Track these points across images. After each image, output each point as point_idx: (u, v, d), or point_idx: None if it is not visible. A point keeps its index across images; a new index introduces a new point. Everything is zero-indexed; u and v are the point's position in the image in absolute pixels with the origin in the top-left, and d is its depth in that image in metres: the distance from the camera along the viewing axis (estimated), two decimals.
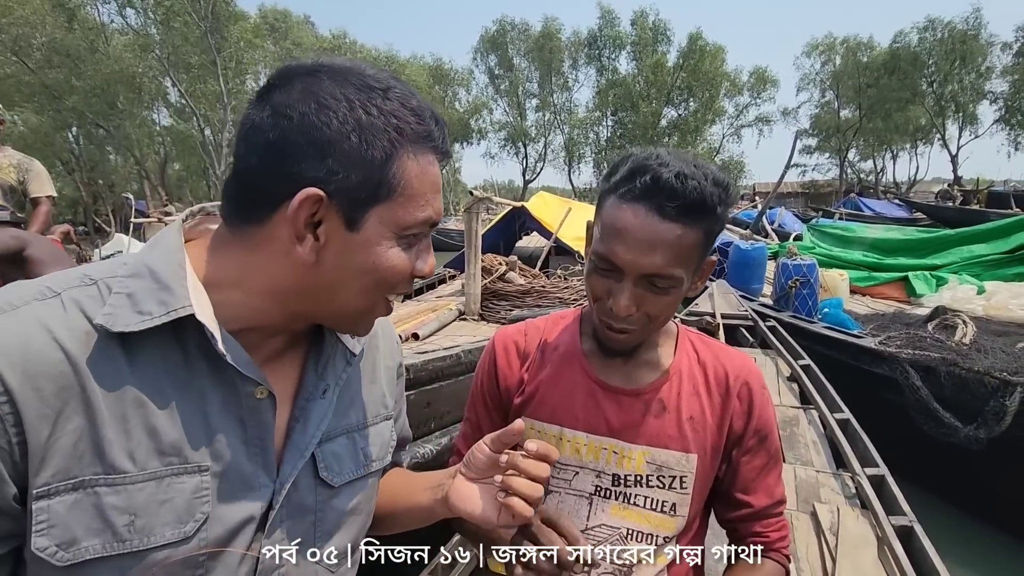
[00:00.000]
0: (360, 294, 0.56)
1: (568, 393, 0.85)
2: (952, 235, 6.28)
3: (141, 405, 0.49)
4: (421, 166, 0.54)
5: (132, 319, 0.49)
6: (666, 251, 0.70)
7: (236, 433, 0.55)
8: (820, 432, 3.06)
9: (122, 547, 0.48)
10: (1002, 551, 2.99)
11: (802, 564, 2.11)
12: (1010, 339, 3.64)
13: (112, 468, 0.48)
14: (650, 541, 0.81)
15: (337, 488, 0.63)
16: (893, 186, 34.78)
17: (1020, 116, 30.11)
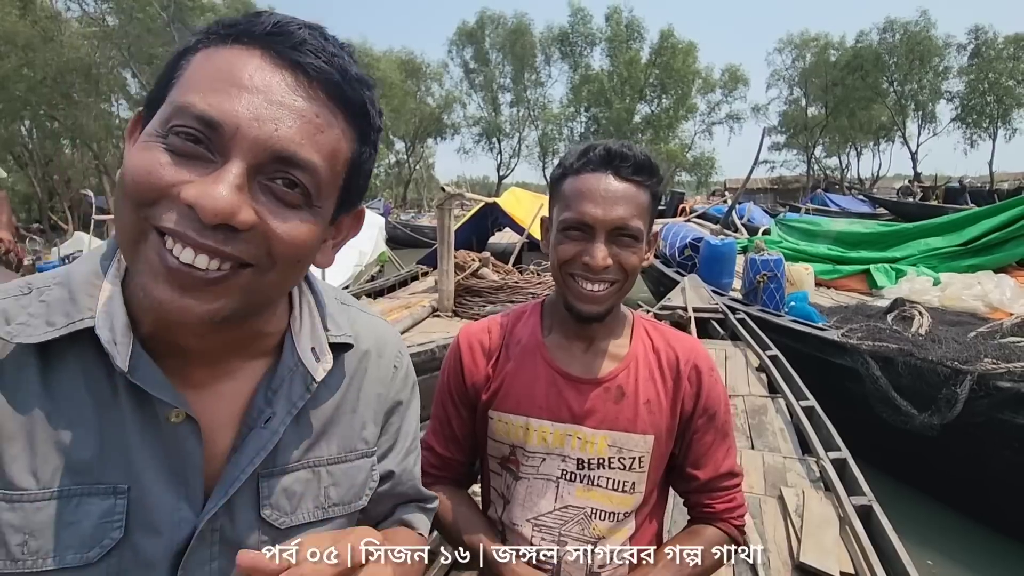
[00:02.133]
0: (121, 215, 0.45)
1: (531, 384, 0.88)
2: (910, 229, 6.53)
3: (52, 421, 0.47)
4: (209, 56, 0.46)
5: (39, 330, 0.46)
6: (627, 204, 0.80)
7: (159, 458, 0.50)
8: (787, 420, 3.17)
9: (14, 566, 0.45)
10: (954, 527, 3.15)
11: (770, 545, 2.19)
12: (963, 329, 3.81)
13: (10, 484, 0.45)
14: (612, 519, 0.86)
15: (284, 531, 0.56)
16: (857, 182, 35.90)
17: (975, 115, 31.39)
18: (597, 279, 0.81)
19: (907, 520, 2.38)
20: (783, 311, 4.70)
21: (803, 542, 2.16)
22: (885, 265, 5.96)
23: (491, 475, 0.95)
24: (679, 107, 33.11)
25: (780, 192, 34.88)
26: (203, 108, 0.43)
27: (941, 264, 5.72)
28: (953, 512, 3.25)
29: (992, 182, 27.88)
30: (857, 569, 2.04)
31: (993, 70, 29.58)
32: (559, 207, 0.85)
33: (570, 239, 0.82)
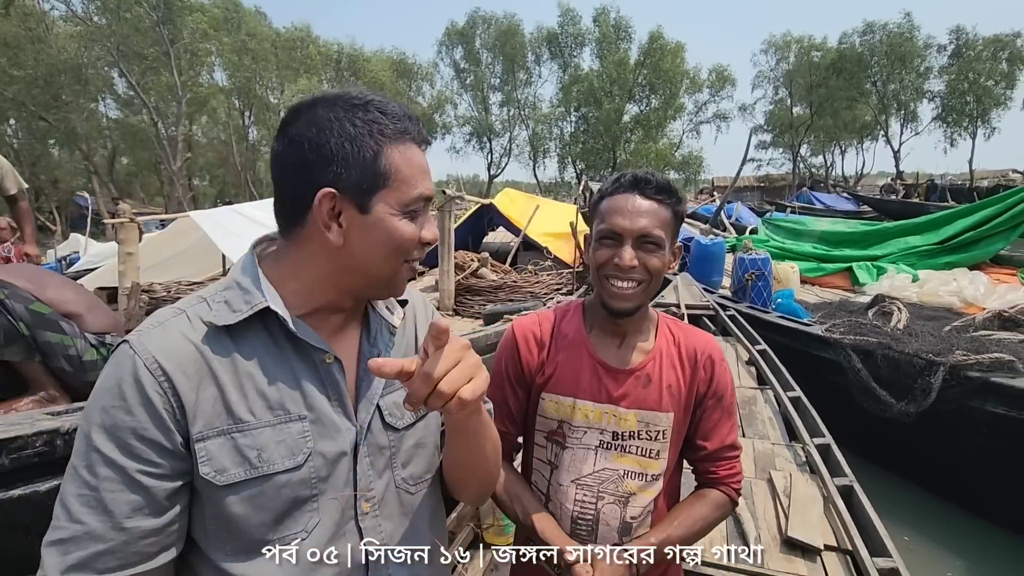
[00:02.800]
0: (385, 261, 0.72)
1: (578, 371, 1.07)
2: (891, 228, 6.80)
3: (250, 376, 0.68)
4: (404, 155, 0.70)
5: (230, 316, 0.68)
6: (650, 217, 0.99)
7: (320, 391, 0.72)
8: (775, 409, 3.38)
9: (255, 472, 0.66)
10: (927, 505, 3.39)
11: (760, 523, 2.38)
12: (938, 323, 4.05)
13: (239, 420, 0.66)
14: (640, 479, 1.05)
15: (401, 431, 0.80)
16: (842, 180, 36.45)
17: (955, 114, 32.05)
18: (626, 277, 0.99)
19: (885, 501, 2.59)
20: (770, 308, 4.93)
21: (790, 519, 2.36)
22: (867, 263, 6.22)
23: (536, 448, 1.12)
24: (668, 107, 33.36)
25: (767, 190, 35.36)
26: (421, 192, 0.72)
27: (919, 262, 5.98)
28: (928, 493, 3.49)
29: (972, 180, 28.55)
30: (839, 542, 2.25)
31: (973, 70, 30.25)
32: (596, 223, 1.04)
33: (604, 246, 1.01)
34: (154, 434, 0.62)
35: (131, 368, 0.63)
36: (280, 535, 0.68)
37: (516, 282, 5.88)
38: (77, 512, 0.60)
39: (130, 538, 0.61)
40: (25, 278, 2.27)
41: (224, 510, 0.66)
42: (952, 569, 2.91)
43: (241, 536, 0.67)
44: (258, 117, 28.38)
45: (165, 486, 0.63)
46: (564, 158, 35.85)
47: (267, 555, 0.68)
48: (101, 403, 0.62)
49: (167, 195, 24.79)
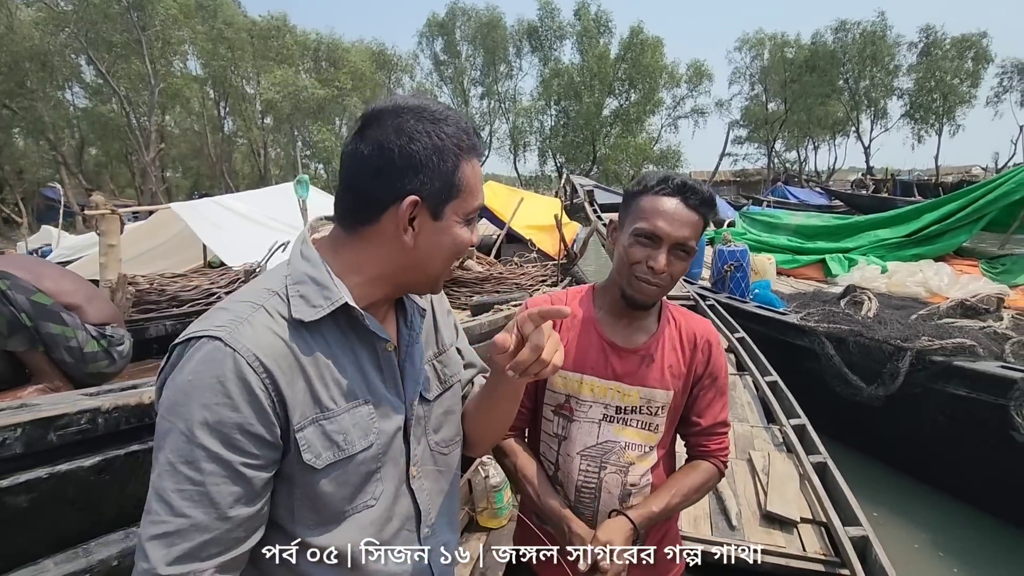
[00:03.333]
0: (443, 263, 0.79)
1: (586, 349, 1.15)
2: (861, 221, 7.05)
3: (328, 367, 0.73)
4: (473, 168, 0.78)
5: (310, 312, 0.72)
6: (690, 228, 1.05)
7: (378, 376, 0.79)
8: (754, 394, 3.54)
9: (342, 454, 0.73)
10: (894, 483, 3.59)
11: (741, 500, 2.53)
12: (906, 312, 4.25)
13: (325, 408, 0.72)
14: (640, 450, 1.15)
15: (432, 400, 0.88)
16: (815, 175, 37.27)
17: (923, 111, 33.01)
18: (656, 280, 1.06)
19: (856, 479, 2.74)
20: (748, 298, 5.10)
21: (769, 495, 2.51)
22: (839, 255, 6.45)
23: (544, 421, 1.20)
24: (647, 101, 33.62)
25: (743, 184, 35.97)
26: (481, 202, 0.80)
27: (888, 254, 6.23)
28: (895, 471, 3.69)
29: (937, 176, 29.53)
30: (814, 515, 2.40)
31: (939, 69, 31.17)
32: (633, 217, 1.08)
33: (640, 244, 1.05)
34: (259, 429, 0.66)
35: (232, 365, 0.65)
36: (355, 504, 0.76)
37: (502, 274, 5.94)
38: (180, 506, 0.63)
39: (232, 526, 0.66)
40: (24, 268, 2.26)
41: (315, 490, 0.72)
42: (918, 540, 3.10)
43: (325, 510, 0.74)
44: (233, 108, 27.74)
45: (263, 476, 0.68)
46: (544, 152, 35.92)
47: (346, 522, 0.75)
48: (202, 400, 0.64)
49: (139, 187, 24.13)
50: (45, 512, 1.05)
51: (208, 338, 0.66)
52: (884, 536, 2.87)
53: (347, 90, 26.79)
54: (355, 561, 0.76)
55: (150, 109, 21.45)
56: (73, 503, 1.08)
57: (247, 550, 0.69)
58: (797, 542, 2.25)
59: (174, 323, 4.29)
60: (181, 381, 0.65)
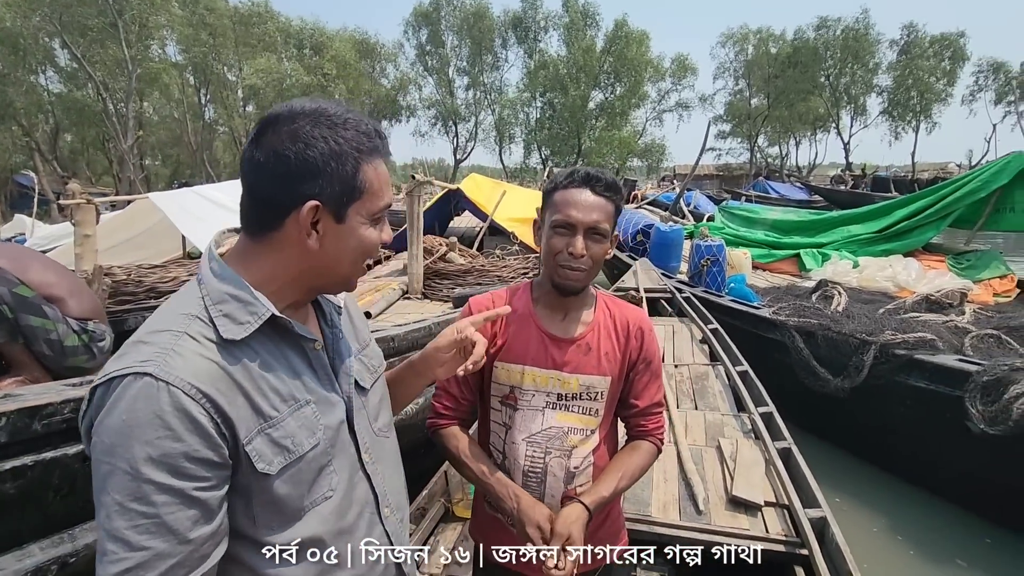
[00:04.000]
0: (352, 264, 0.81)
1: (527, 342, 1.22)
2: (835, 217, 7.22)
3: (262, 377, 0.75)
4: (375, 170, 0.79)
5: (238, 331, 0.73)
6: (599, 211, 1.14)
7: (312, 375, 0.82)
8: (725, 383, 3.65)
9: (292, 456, 0.76)
10: (858, 470, 3.75)
11: (708, 486, 2.62)
12: (874, 306, 4.40)
13: (269, 417, 0.74)
14: (582, 434, 1.22)
15: (368, 389, 0.93)
16: (796, 170, 37.75)
17: (900, 109, 33.60)
18: (577, 264, 1.14)
19: (821, 467, 2.86)
20: (724, 292, 5.23)
21: (735, 480, 2.61)
22: (813, 250, 6.61)
23: (491, 411, 1.27)
24: (631, 95, 33.70)
25: (725, 179, 36.32)
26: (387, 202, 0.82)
27: (860, 249, 6.40)
28: (858, 460, 3.84)
29: (914, 172, 30.11)
30: (778, 498, 2.50)
31: (917, 67, 31.73)
32: (550, 211, 1.18)
33: (559, 235, 1.15)
34: (206, 454, 0.67)
35: (168, 399, 0.65)
36: (312, 498, 0.79)
37: (484, 266, 5.99)
38: (138, 541, 0.63)
39: (195, 547, 0.67)
40: (9, 258, 2.25)
41: (273, 494, 0.75)
42: (877, 524, 3.25)
43: (285, 510, 0.76)
44: (215, 95, 27.20)
45: (217, 495, 0.69)
46: (530, 144, 35.81)
47: (307, 516, 0.78)
48: (143, 438, 0.63)
49: (117, 175, 23.60)
50: (31, 498, 1.08)
51: (135, 375, 0.65)
52: (845, 520, 3.02)
53: (332, 77, 26.46)
54: (322, 551, 0.80)
55: (127, 95, 20.94)
56: (58, 490, 1.11)
57: (215, 563, 0.71)
58: (760, 524, 2.35)
59: None
60: (115, 422, 0.64)
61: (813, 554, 2.07)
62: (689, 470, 2.71)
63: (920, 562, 2.97)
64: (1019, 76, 32.12)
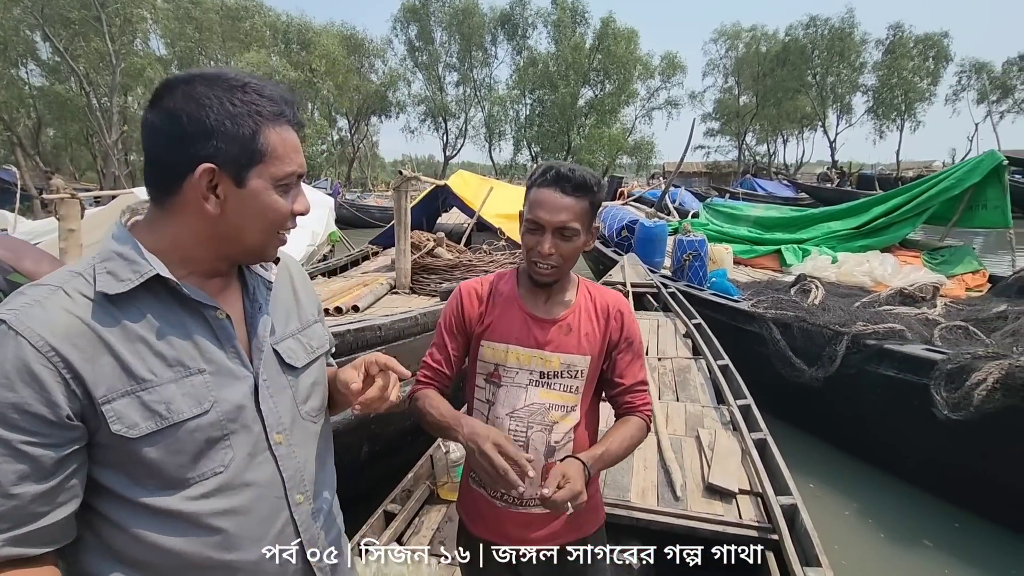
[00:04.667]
0: (259, 232, 0.78)
1: (511, 322, 1.28)
2: (816, 214, 7.35)
3: (142, 339, 0.72)
4: (280, 135, 0.76)
5: (117, 286, 0.71)
6: (567, 212, 1.17)
7: (216, 345, 0.79)
8: (707, 376, 3.74)
9: (163, 422, 0.72)
10: (829, 455, 3.86)
11: (687, 474, 2.70)
12: (850, 300, 4.51)
13: (141, 379, 0.72)
14: (563, 410, 1.28)
15: (300, 368, 0.90)
16: (783, 168, 38.20)
17: (885, 107, 34.09)
18: (545, 262, 1.20)
19: (796, 455, 2.95)
20: (705, 286, 5.32)
21: (712, 468, 2.69)
22: (794, 246, 6.73)
23: (476, 389, 1.33)
24: (621, 92, 33.86)
25: (714, 176, 36.68)
26: (294, 168, 0.79)
27: (839, 245, 6.53)
28: (832, 447, 3.95)
29: (898, 170, 30.59)
30: (752, 486, 2.59)
31: (902, 67, 32.19)
32: (526, 208, 1.24)
33: (530, 232, 1.21)
34: (39, 409, 0.65)
35: (13, 347, 0.65)
36: (199, 471, 0.76)
37: (471, 261, 6.05)
38: None
39: (20, 503, 0.65)
40: (4, 247, 2.27)
41: (142, 457, 0.72)
42: (848, 509, 3.35)
43: (162, 475, 0.73)
44: None
45: (50, 455, 0.66)
46: (519, 141, 35.91)
47: (191, 488, 0.75)
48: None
49: (101, 170, 23.31)
50: None
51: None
52: (818, 505, 3.12)
53: (320, 73, 26.30)
54: (207, 525, 0.77)
55: (111, 89, 20.68)
56: None
57: (52, 523, 0.68)
58: (735, 511, 2.42)
59: None
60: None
61: (783, 538, 2.14)
62: (668, 458, 2.79)
63: (888, 544, 3.08)
64: (1000, 76, 32.70)
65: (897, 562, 2.97)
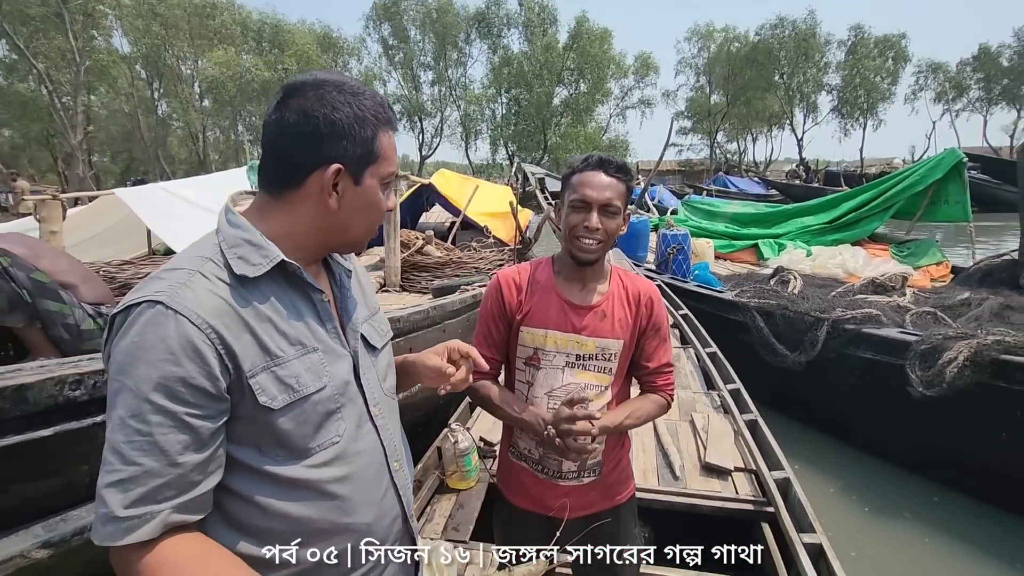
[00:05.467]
0: (365, 225, 0.87)
1: (548, 308, 1.38)
2: (789, 209, 7.64)
3: (269, 319, 0.79)
4: (388, 138, 0.85)
5: (252, 270, 0.78)
6: (612, 190, 1.28)
7: (321, 326, 0.86)
8: (696, 364, 3.91)
9: (295, 395, 0.79)
10: (812, 439, 4.06)
11: (684, 456, 2.85)
12: (826, 290, 4.74)
13: (274, 356, 0.78)
14: (597, 389, 1.39)
15: (379, 350, 0.98)
16: (753, 165, 39.14)
17: (849, 107, 35.23)
18: (592, 237, 1.30)
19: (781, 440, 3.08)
20: (689, 278, 5.51)
21: (708, 449, 2.84)
22: (770, 240, 6.98)
23: (516, 372, 1.42)
24: (595, 91, 34.20)
25: (687, 174, 37.37)
26: (394, 169, 0.88)
27: (813, 239, 6.81)
28: (816, 432, 4.16)
29: (862, 167, 31.67)
30: (746, 464, 2.75)
31: (864, 67, 33.31)
32: (569, 192, 1.33)
33: (576, 211, 1.30)
34: (201, 382, 0.71)
35: (175, 325, 0.70)
36: (319, 441, 0.83)
37: (461, 259, 6.11)
38: (132, 456, 0.68)
39: (184, 471, 0.70)
40: (23, 246, 2.29)
41: (277, 428, 0.78)
42: (833, 487, 3.56)
43: (291, 445, 0.80)
44: (168, 89, 26.24)
45: (208, 426, 0.72)
46: (496, 140, 35.95)
47: (312, 457, 0.82)
48: (147, 359, 0.69)
49: (62, 172, 22.50)
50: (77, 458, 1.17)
51: (148, 303, 0.70)
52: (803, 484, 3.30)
53: (293, 72, 25.88)
54: (328, 492, 0.83)
55: (75, 88, 20.00)
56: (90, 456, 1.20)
57: (205, 492, 0.73)
58: (731, 487, 2.57)
59: None
60: (127, 344, 0.69)
61: (779, 510, 2.29)
62: (666, 442, 2.93)
63: (872, 518, 3.29)
64: (955, 76, 34.11)
65: (880, 534, 3.18)
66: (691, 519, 2.45)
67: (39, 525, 0.99)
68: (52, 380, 0.99)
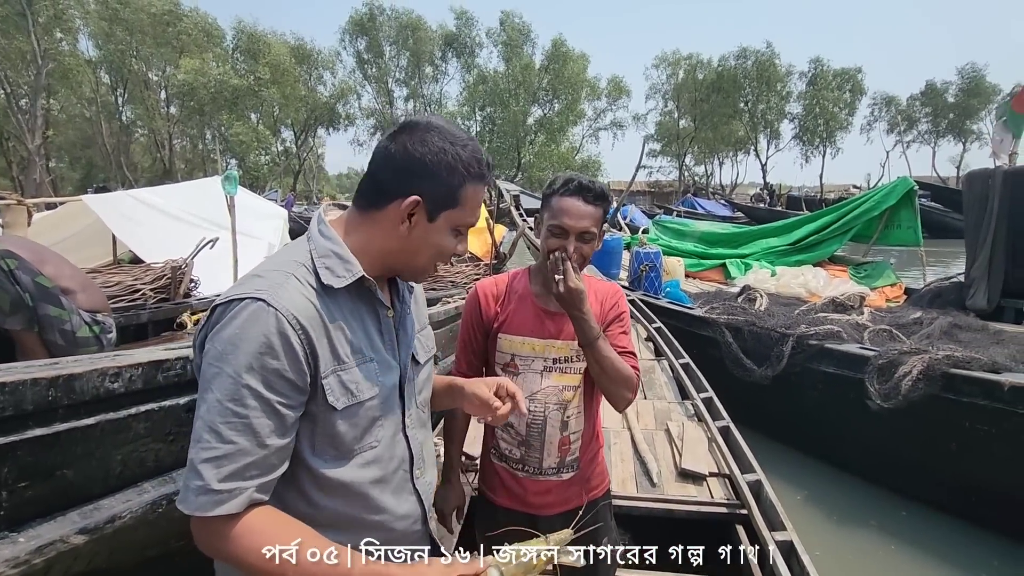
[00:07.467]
0: (427, 259, 0.93)
1: (525, 316, 1.46)
2: (755, 231, 7.98)
3: (341, 328, 0.86)
4: (475, 191, 0.91)
5: (337, 281, 0.85)
6: (589, 219, 1.34)
7: (380, 338, 0.93)
8: (670, 375, 4.03)
9: (354, 399, 0.86)
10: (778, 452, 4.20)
11: (660, 463, 2.93)
12: (790, 308, 4.97)
13: (341, 361, 0.85)
14: (573, 391, 1.46)
15: (421, 364, 1.04)
16: (720, 188, 40.36)
17: (809, 135, 36.88)
18: (569, 263, 1.34)
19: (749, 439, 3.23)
20: (661, 295, 5.69)
21: (683, 456, 2.94)
22: (737, 260, 7.27)
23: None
24: (569, 112, 34.91)
25: (656, 195, 38.34)
26: (473, 221, 0.95)
27: (777, 259, 7.10)
28: (781, 444, 4.31)
29: (822, 192, 33.11)
30: (720, 469, 2.85)
31: (823, 98, 35.01)
32: (548, 215, 1.39)
33: (554, 236, 1.35)
34: (292, 376, 0.78)
35: (275, 322, 0.76)
36: (362, 444, 0.90)
37: (437, 273, 6.18)
38: (228, 435, 0.74)
39: (268, 453, 0.77)
40: (29, 250, 2.28)
41: (334, 428, 0.85)
42: (800, 495, 3.71)
43: (340, 446, 0.87)
44: (133, 95, 25.59)
45: (292, 415, 0.80)
46: None
47: (355, 458, 0.89)
48: (248, 349, 0.75)
49: (17, 178, 21.58)
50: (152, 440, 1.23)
51: (251, 299, 0.77)
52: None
53: (265, 81, 25.60)
54: (361, 492, 0.90)
55: (35, 91, 19.36)
56: (170, 434, 1.26)
57: (278, 476, 0.80)
58: (706, 492, 2.66)
59: None
60: (228, 334, 0.76)
61: (751, 511, 2.38)
62: (643, 450, 3.02)
63: (838, 526, 3.44)
64: (905, 109, 36.14)
65: (848, 540, 3.32)
66: (669, 524, 2.53)
67: (75, 512, 1.03)
68: (96, 372, 1.04)
